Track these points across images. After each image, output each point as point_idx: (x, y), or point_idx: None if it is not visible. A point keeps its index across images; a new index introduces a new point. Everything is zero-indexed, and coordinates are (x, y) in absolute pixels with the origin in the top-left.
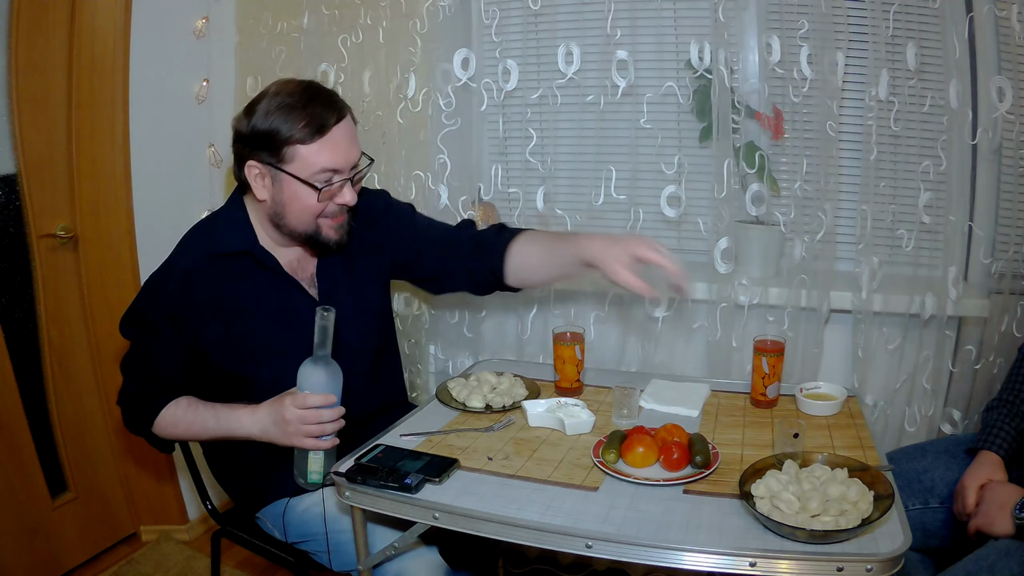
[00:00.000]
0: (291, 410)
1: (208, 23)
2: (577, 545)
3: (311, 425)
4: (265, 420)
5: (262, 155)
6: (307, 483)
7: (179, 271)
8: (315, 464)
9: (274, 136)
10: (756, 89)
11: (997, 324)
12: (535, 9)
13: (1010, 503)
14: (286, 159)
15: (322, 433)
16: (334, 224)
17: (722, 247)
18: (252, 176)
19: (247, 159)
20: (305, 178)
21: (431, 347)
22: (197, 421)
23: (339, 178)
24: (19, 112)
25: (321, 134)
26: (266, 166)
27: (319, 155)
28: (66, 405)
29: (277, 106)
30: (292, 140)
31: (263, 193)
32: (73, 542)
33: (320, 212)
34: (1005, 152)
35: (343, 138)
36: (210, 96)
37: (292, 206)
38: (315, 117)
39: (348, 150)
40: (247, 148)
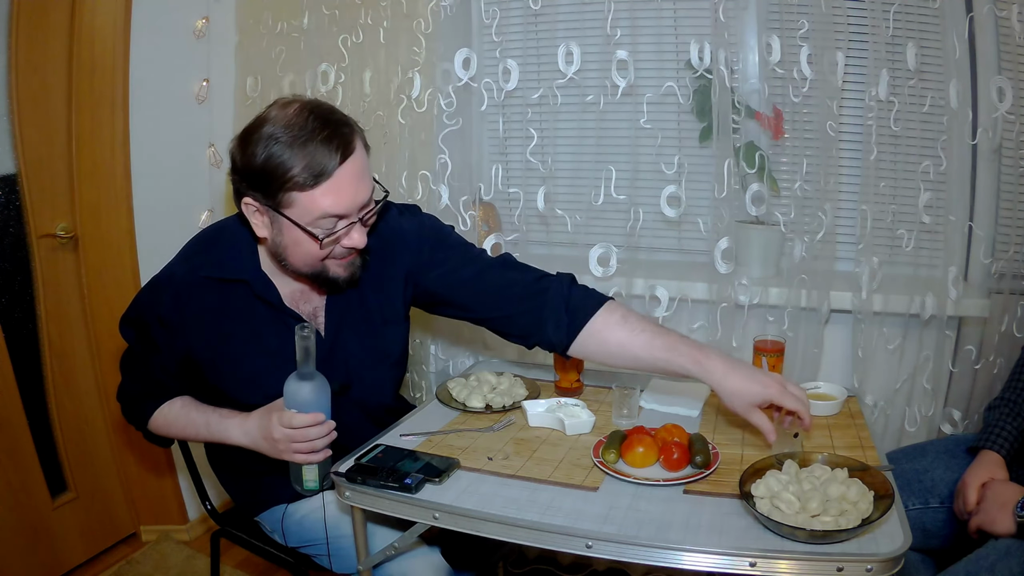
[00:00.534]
0: (279, 430)
1: (208, 23)
2: (577, 545)
3: (300, 443)
4: (254, 434)
5: (258, 195)
6: (304, 490)
7: (175, 281)
8: (310, 473)
9: (271, 176)
10: (756, 89)
11: (997, 324)
12: (535, 9)
13: (1012, 502)
14: (284, 204)
15: (312, 450)
16: (343, 263)
17: (722, 247)
18: (250, 213)
19: (243, 195)
20: (305, 225)
21: (431, 347)
22: (189, 425)
23: (344, 223)
24: (19, 112)
25: (323, 178)
26: (264, 206)
27: (321, 201)
28: (66, 405)
29: (275, 140)
30: (290, 184)
31: (262, 231)
32: (73, 542)
33: (326, 256)
34: (1005, 152)
35: (349, 180)
36: (210, 96)
37: (294, 250)
38: (316, 158)
39: (355, 192)
40: (243, 183)
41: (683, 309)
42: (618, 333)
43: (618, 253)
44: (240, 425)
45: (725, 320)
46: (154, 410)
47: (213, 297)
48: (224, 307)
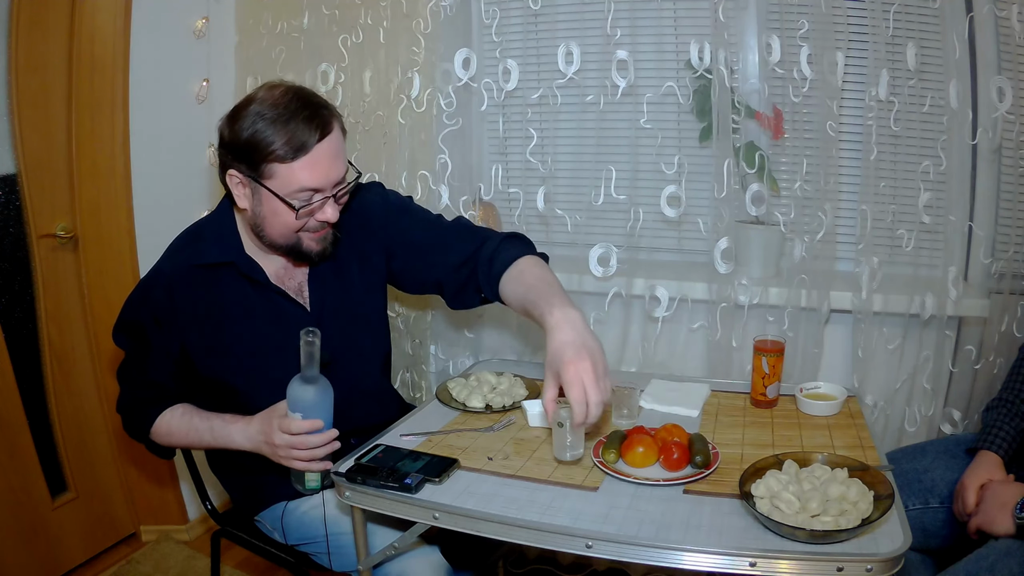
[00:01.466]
0: (279, 436)
1: (208, 23)
2: (577, 545)
3: (300, 451)
4: (256, 438)
5: (242, 166)
6: (305, 489)
7: (164, 277)
8: (311, 476)
9: (254, 149)
10: (756, 89)
11: (997, 324)
12: (535, 9)
13: (1011, 502)
14: (265, 175)
15: (312, 458)
16: (316, 237)
17: (722, 247)
18: (233, 184)
19: (228, 167)
20: (284, 196)
21: (432, 347)
22: (192, 432)
23: (320, 196)
24: (19, 112)
25: (302, 152)
26: (247, 177)
27: (299, 174)
28: (66, 405)
29: (260, 117)
30: (272, 157)
31: (244, 203)
32: (73, 542)
33: (300, 228)
34: (1005, 152)
35: (325, 156)
36: (210, 96)
37: (271, 220)
38: (296, 135)
39: (330, 168)
40: (228, 156)
41: (683, 309)
42: (511, 285)
43: (618, 253)
44: (243, 430)
45: (725, 320)
46: (156, 416)
47: (203, 285)
48: (214, 294)
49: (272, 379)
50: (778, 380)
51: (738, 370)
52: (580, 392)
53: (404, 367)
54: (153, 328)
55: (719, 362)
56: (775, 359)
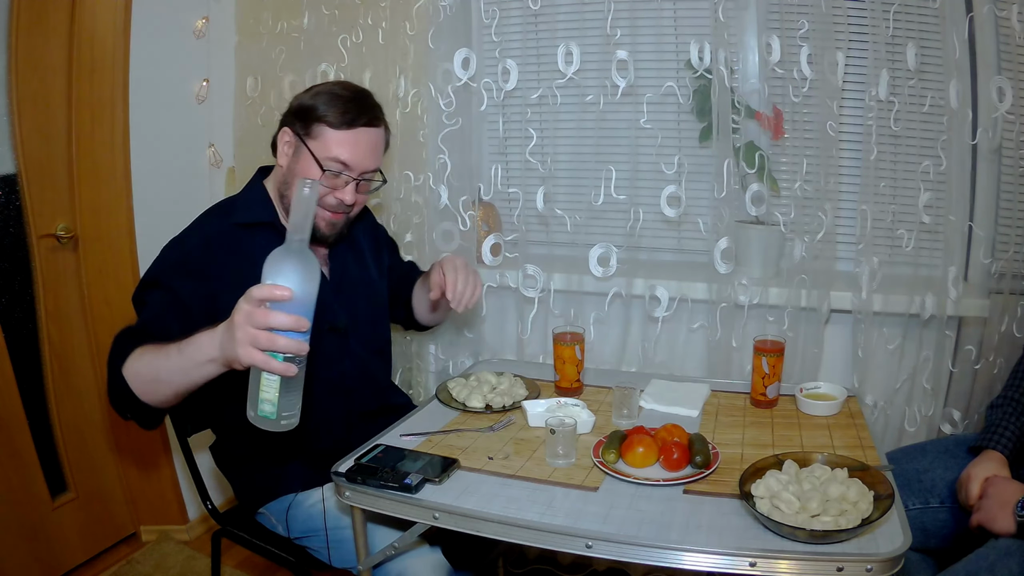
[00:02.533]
0: (241, 307)
1: (208, 23)
2: (577, 545)
3: (260, 330)
4: (220, 332)
5: (296, 125)
6: (257, 416)
7: (200, 236)
8: (268, 391)
9: (311, 111)
10: (756, 89)
11: (997, 324)
12: (535, 9)
13: (1012, 501)
14: (312, 135)
15: (271, 345)
16: (330, 218)
17: (722, 247)
18: (282, 142)
19: (284, 125)
20: (319, 157)
21: (431, 347)
22: (160, 355)
23: (347, 174)
24: (19, 112)
25: (349, 127)
26: (295, 136)
27: (338, 145)
28: (66, 405)
29: (327, 91)
30: (323, 120)
31: (284, 159)
32: (73, 542)
33: (319, 198)
34: (1005, 152)
35: (365, 141)
36: (210, 96)
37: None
38: (351, 111)
39: (366, 154)
40: (289, 116)
41: (683, 309)
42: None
43: (618, 253)
44: (210, 332)
45: (725, 320)
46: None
47: (240, 244)
48: (250, 253)
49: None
50: (778, 380)
51: (738, 370)
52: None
53: (404, 367)
54: (184, 282)
55: (719, 362)
56: (775, 359)
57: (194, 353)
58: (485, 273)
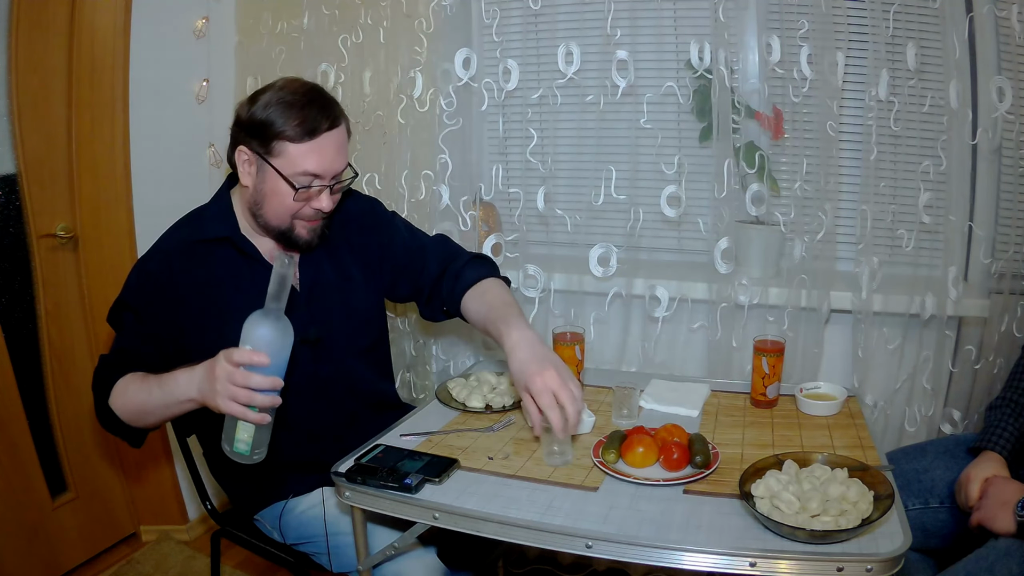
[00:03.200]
0: (221, 364)
1: (208, 23)
2: (577, 545)
3: (238, 388)
4: (200, 376)
5: (253, 143)
6: (232, 451)
7: (161, 253)
8: (243, 432)
9: (267, 128)
10: (756, 89)
11: (997, 324)
12: (535, 9)
13: (1013, 501)
14: (274, 153)
15: (250, 401)
16: (308, 226)
17: (722, 247)
18: (240, 161)
19: (239, 144)
20: (287, 175)
21: (432, 347)
22: (142, 388)
23: (319, 183)
24: (19, 112)
25: (311, 137)
26: (254, 154)
27: (305, 157)
28: (66, 405)
29: (278, 100)
30: (283, 136)
31: (247, 180)
32: (73, 542)
33: (296, 212)
34: (1005, 152)
35: (331, 146)
36: (210, 96)
37: (271, 199)
38: (309, 119)
39: (334, 159)
40: (242, 133)
41: (683, 309)
42: (474, 303)
43: (618, 253)
44: (188, 372)
45: (725, 320)
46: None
47: (199, 260)
48: (210, 268)
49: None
50: (778, 380)
51: (738, 370)
52: (550, 399)
53: (405, 367)
54: (148, 301)
55: (719, 362)
56: (775, 359)
57: (173, 391)
58: None
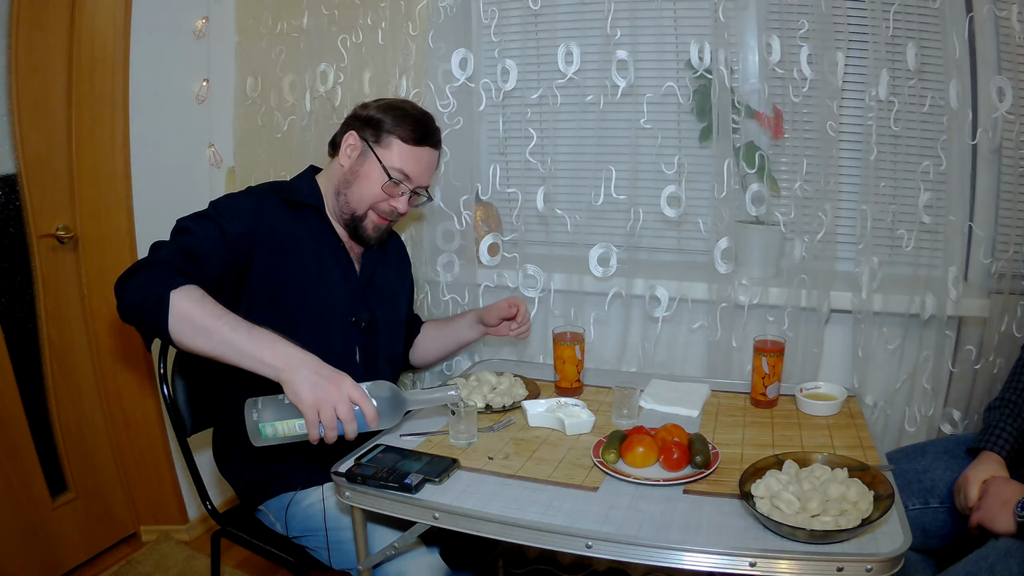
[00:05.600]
0: (346, 386)
1: (208, 23)
2: (577, 545)
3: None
4: (307, 364)
5: (366, 131)
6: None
7: (254, 197)
8: (284, 428)
9: (382, 123)
10: (756, 89)
11: (997, 324)
12: (535, 9)
13: (1012, 501)
14: (382, 143)
15: (329, 428)
16: (378, 223)
17: (722, 247)
18: (346, 144)
19: (351, 128)
20: (386, 166)
21: None
22: (224, 320)
23: (406, 185)
24: (19, 112)
25: (418, 144)
26: (363, 141)
27: (406, 158)
28: (66, 405)
29: (398, 106)
30: (396, 134)
31: (346, 160)
32: (73, 542)
33: (375, 202)
34: (1005, 152)
35: (428, 160)
36: (210, 96)
37: (360, 182)
38: (421, 130)
39: (426, 171)
40: (357, 121)
41: (683, 309)
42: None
43: (618, 253)
44: (285, 346)
45: (725, 320)
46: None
47: (285, 218)
48: (293, 227)
49: (313, 319)
50: (778, 380)
51: (738, 370)
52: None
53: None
54: (235, 221)
55: (719, 362)
56: (775, 359)
57: (262, 349)
58: (483, 273)
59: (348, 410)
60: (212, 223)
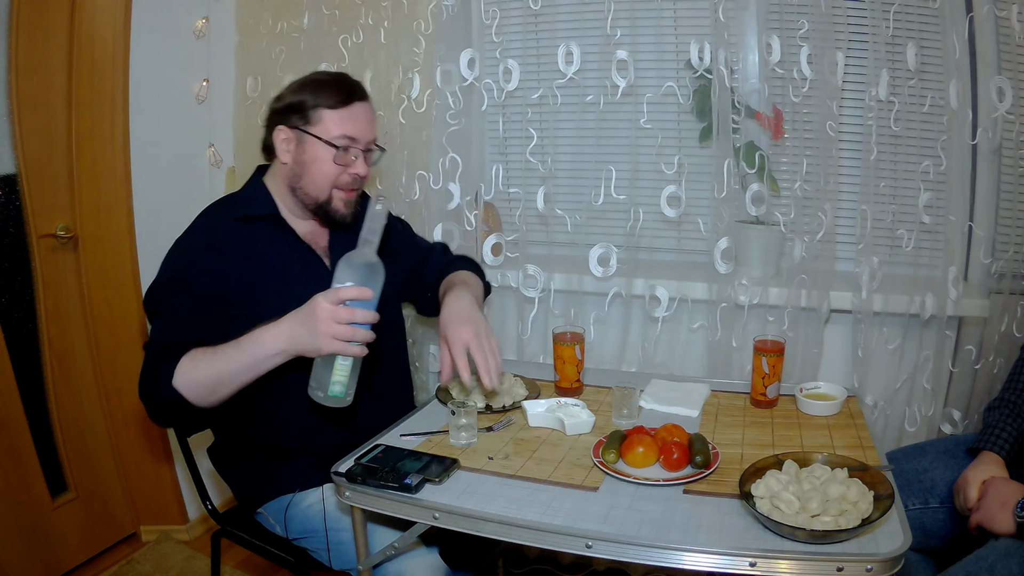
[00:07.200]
0: (322, 305)
1: (208, 23)
2: (577, 545)
3: (342, 326)
4: (292, 325)
5: (292, 119)
6: (327, 396)
7: (204, 233)
8: (340, 373)
9: (304, 103)
10: (756, 89)
11: (997, 324)
12: (535, 9)
13: (1012, 501)
14: (312, 121)
15: (353, 337)
16: (345, 197)
17: (722, 247)
18: (279, 140)
19: (276, 125)
20: (327, 139)
21: (431, 347)
22: (219, 357)
23: (355, 147)
24: (19, 112)
25: (346, 104)
26: (293, 130)
27: (341, 122)
28: (66, 405)
29: (308, 82)
30: (320, 105)
31: (286, 156)
32: (73, 542)
33: (334, 179)
34: (1005, 152)
35: (363, 114)
36: (210, 96)
37: (311, 168)
38: (342, 90)
39: (367, 126)
40: (278, 116)
41: (683, 309)
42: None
43: (618, 253)
44: (273, 327)
45: (725, 320)
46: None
47: (242, 238)
48: (254, 245)
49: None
50: (778, 380)
51: (738, 370)
52: (461, 349)
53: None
54: (191, 281)
55: (719, 362)
56: (775, 359)
57: (260, 350)
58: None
59: (346, 314)
60: (180, 292)
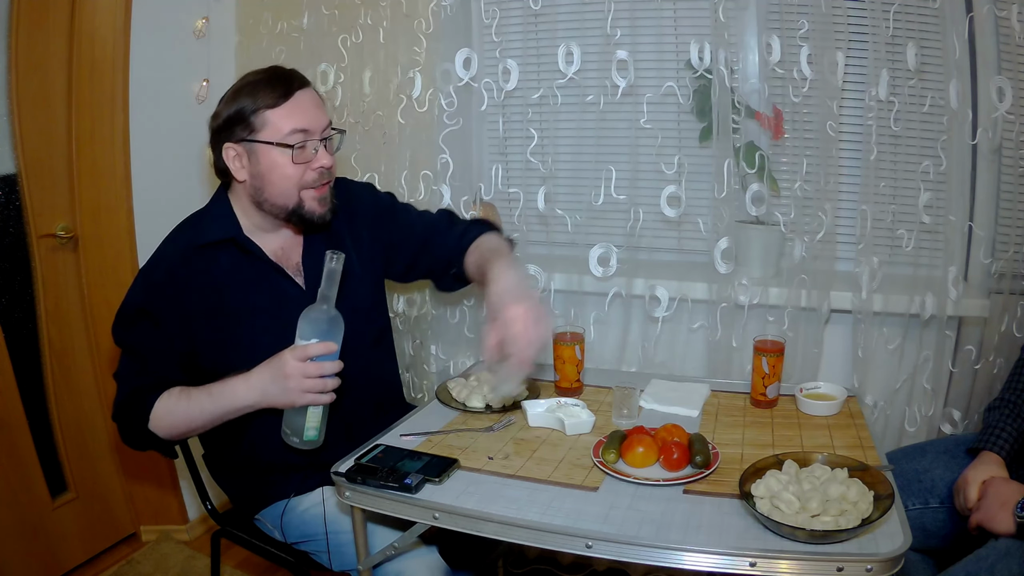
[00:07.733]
0: (291, 363)
1: (208, 23)
2: (577, 545)
3: (312, 379)
4: (263, 381)
5: (235, 133)
6: (303, 441)
7: (164, 262)
8: (312, 419)
9: (243, 111)
10: (756, 89)
11: (997, 324)
12: (535, 9)
13: (1012, 501)
14: (257, 127)
15: (324, 388)
16: (317, 196)
17: (722, 247)
18: (230, 159)
19: (222, 143)
20: (278, 141)
21: (432, 347)
22: (192, 405)
23: (311, 140)
24: (19, 112)
25: (286, 98)
26: (240, 144)
27: (287, 117)
28: (66, 405)
29: (240, 88)
30: (259, 109)
31: (242, 173)
32: (73, 542)
33: (299, 180)
34: (1005, 152)
35: (308, 102)
36: (210, 96)
37: (271, 176)
38: (279, 84)
39: (316, 113)
40: (220, 135)
41: (683, 309)
42: (472, 256)
43: (618, 253)
44: (245, 380)
45: (725, 320)
46: (153, 402)
47: (203, 265)
48: (214, 273)
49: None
50: (778, 380)
51: (738, 370)
52: (521, 327)
53: (404, 367)
54: (155, 314)
55: (719, 362)
56: (775, 359)
57: (232, 401)
58: None
59: (314, 369)
60: (147, 323)
